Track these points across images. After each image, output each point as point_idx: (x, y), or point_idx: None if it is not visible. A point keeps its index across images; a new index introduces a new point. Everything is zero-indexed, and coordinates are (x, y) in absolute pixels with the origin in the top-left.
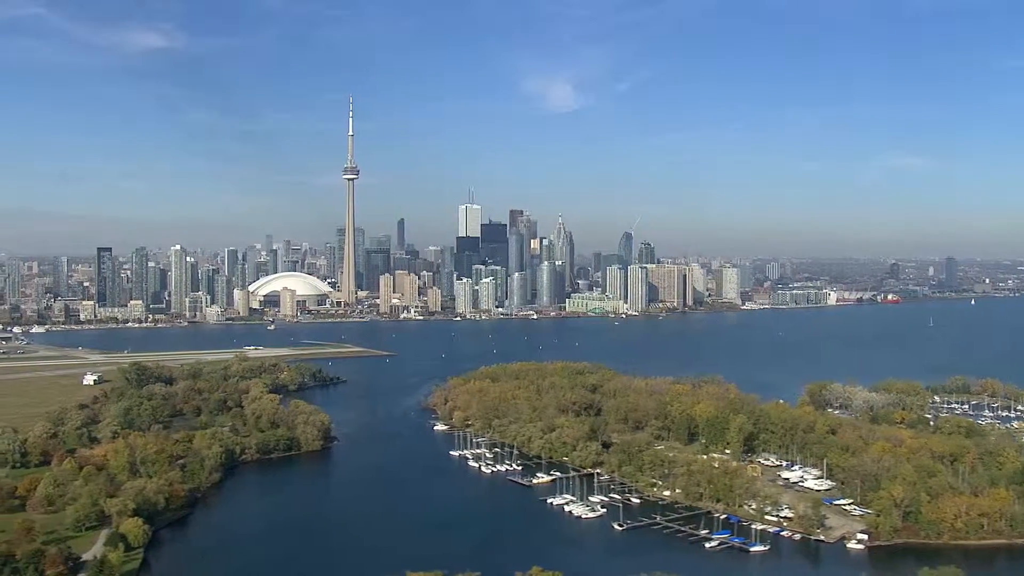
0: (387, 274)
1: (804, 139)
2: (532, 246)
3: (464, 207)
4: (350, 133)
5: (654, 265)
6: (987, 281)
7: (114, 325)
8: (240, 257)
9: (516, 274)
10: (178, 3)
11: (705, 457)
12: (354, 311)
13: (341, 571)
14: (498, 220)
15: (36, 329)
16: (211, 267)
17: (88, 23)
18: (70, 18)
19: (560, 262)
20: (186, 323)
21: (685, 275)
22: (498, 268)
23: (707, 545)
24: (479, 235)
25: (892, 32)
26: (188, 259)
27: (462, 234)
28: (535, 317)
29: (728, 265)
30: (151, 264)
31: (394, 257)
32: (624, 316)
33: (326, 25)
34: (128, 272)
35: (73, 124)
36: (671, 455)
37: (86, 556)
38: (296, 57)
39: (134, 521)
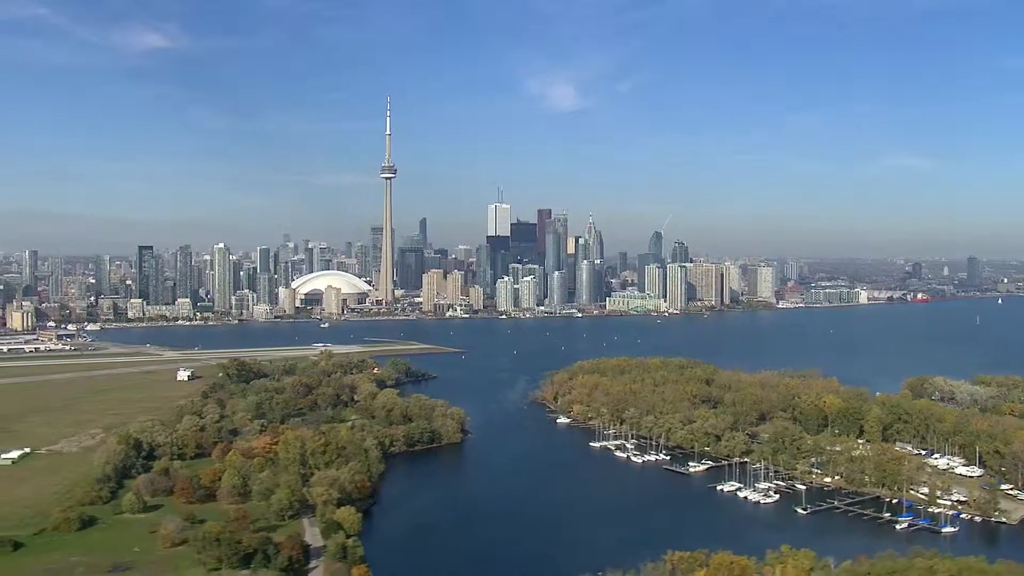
0: (430, 272)
1: (805, 139)
2: (568, 245)
3: (493, 206)
4: (387, 132)
5: (692, 264)
6: (1005, 280)
7: (164, 323)
8: (272, 256)
9: (556, 273)
10: (180, 3)
11: (876, 444)
12: (395, 309)
13: (567, 559)
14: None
15: (90, 327)
16: (251, 265)
17: (90, 23)
18: (73, 18)
19: (598, 261)
20: (236, 321)
21: (722, 274)
22: (535, 267)
23: (897, 527)
24: (509, 234)
25: (893, 32)
26: (231, 257)
27: (492, 233)
28: (579, 315)
29: (762, 264)
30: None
31: (425, 256)
32: (666, 314)
33: (328, 25)
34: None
35: (73, 124)
36: (827, 444)
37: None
38: (298, 57)
39: (347, 509)
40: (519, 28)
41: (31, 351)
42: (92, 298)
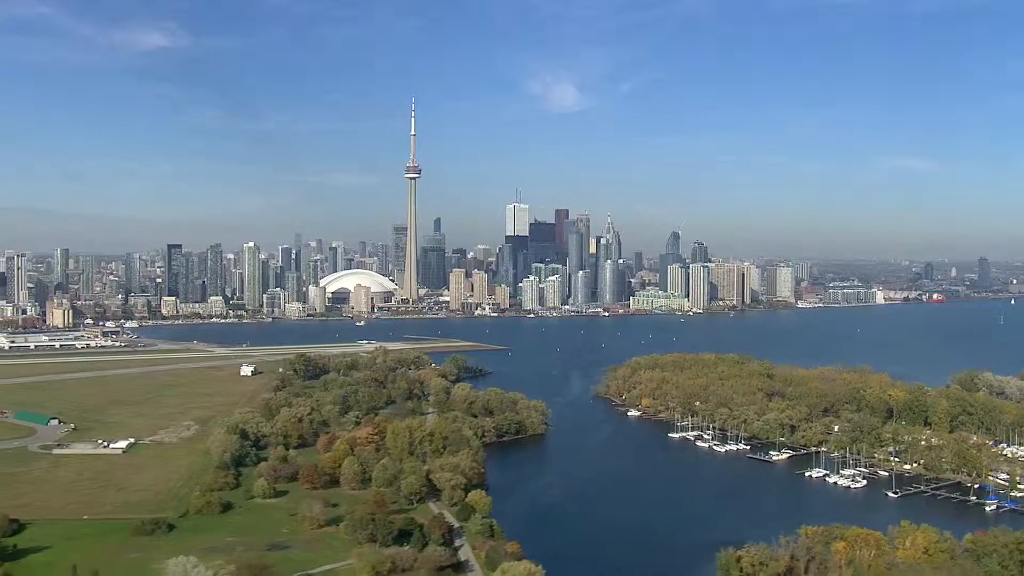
0: (456, 271)
1: (805, 140)
2: (590, 245)
3: (512, 206)
4: (412, 132)
5: (713, 264)
6: (1015, 281)
7: (198, 321)
8: (294, 255)
9: (580, 272)
10: (183, 2)
11: (948, 434)
12: (422, 308)
13: (697, 533)
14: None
15: (129, 324)
16: (275, 264)
17: (93, 23)
18: (76, 18)
19: (621, 260)
20: (270, 319)
21: (743, 274)
22: (558, 266)
23: (987, 509)
24: (527, 234)
25: (894, 33)
26: (260, 256)
27: (510, 232)
28: (605, 314)
29: (782, 265)
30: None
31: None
32: (690, 313)
33: (329, 25)
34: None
35: (76, 123)
36: (905, 434)
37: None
38: (300, 57)
39: (478, 492)
40: (520, 29)
41: (82, 347)
42: (121, 296)
